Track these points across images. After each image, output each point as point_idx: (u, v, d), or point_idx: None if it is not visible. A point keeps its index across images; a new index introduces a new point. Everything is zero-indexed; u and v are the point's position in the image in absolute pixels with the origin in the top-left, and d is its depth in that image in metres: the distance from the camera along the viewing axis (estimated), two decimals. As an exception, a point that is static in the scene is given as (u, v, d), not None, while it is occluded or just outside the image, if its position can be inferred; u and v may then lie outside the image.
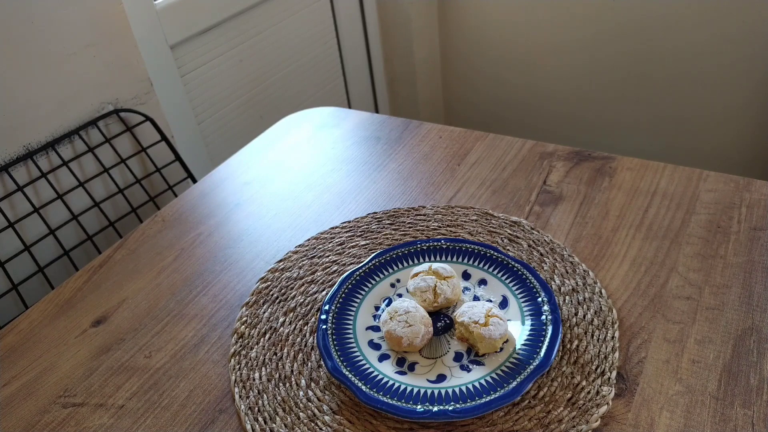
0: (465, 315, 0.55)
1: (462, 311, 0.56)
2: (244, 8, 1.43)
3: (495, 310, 0.56)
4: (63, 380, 0.60)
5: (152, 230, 0.80)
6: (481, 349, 0.54)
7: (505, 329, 0.55)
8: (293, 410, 0.54)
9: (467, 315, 0.55)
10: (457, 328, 0.56)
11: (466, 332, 0.55)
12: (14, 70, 0.92)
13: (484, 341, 0.53)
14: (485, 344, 0.54)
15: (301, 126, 0.99)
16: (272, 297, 0.66)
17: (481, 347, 0.54)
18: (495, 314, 0.55)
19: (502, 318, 0.55)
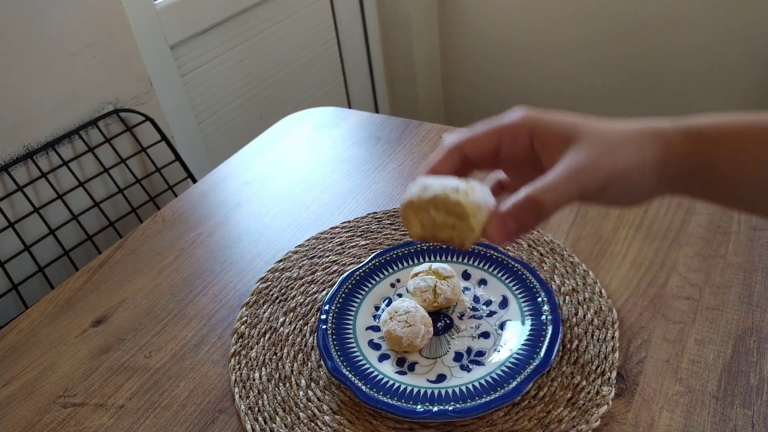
0: (428, 190, 0.37)
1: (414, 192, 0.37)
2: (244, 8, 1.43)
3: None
4: (63, 380, 0.60)
5: (152, 230, 0.79)
6: (468, 231, 0.36)
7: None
8: (293, 410, 0.54)
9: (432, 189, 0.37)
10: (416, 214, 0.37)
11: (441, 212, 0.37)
12: (14, 70, 0.92)
13: (478, 212, 0.36)
14: (477, 218, 0.36)
15: (301, 126, 0.99)
16: (272, 297, 0.66)
17: (471, 225, 0.36)
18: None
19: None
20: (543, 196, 0.34)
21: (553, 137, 0.37)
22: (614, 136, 0.36)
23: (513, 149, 0.39)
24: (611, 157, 0.35)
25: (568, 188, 0.34)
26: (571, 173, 0.34)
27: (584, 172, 0.34)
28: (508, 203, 0.35)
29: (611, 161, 0.35)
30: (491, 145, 0.39)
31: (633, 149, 0.35)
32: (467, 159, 0.39)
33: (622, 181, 0.35)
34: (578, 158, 0.35)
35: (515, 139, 0.38)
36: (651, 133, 0.36)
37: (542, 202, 0.34)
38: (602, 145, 0.35)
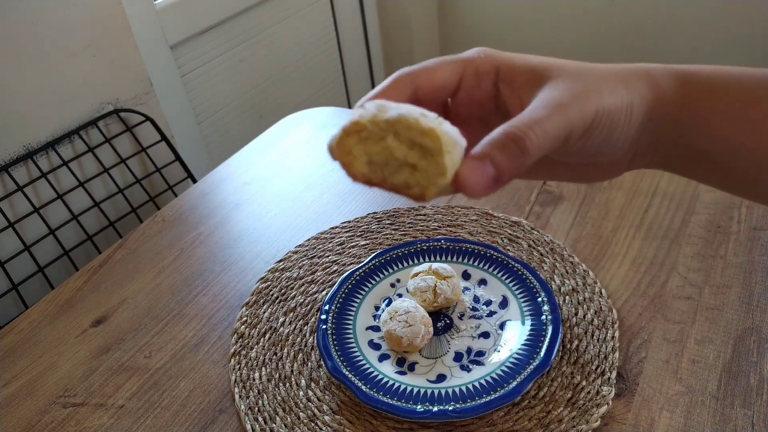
0: (388, 111, 0.27)
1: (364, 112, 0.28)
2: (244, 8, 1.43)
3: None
4: (63, 380, 0.60)
5: (152, 230, 0.79)
6: (436, 175, 0.27)
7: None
8: (293, 410, 0.54)
9: (394, 109, 0.27)
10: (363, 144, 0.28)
11: (403, 143, 0.27)
12: (14, 70, 0.92)
13: (453, 149, 0.27)
14: (452, 157, 0.27)
15: (301, 126, 0.99)
16: (272, 297, 0.66)
17: (442, 165, 0.26)
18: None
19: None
20: (526, 132, 0.27)
21: (523, 75, 0.31)
22: (597, 72, 0.30)
23: (474, 91, 0.32)
24: (598, 92, 0.29)
25: (553, 124, 0.27)
26: (554, 107, 0.28)
27: (570, 107, 0.28)
28: (483, 143, 0.27)
29: (598, 97, 0.28)
30: (451, 81, 0.31)
31: (620, 86, 0.29)
32: (416, 98, 0.31)
33: (609, 123, 0.29)
34: (560, 93, 0.28)
35: (479, 78, 0.31)
36: (637, 72, 0.30)
37: (525, 139, 0.26)
38: (585, 81, 0.29)
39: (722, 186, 0.32)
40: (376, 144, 0.27)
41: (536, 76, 0.30)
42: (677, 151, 0.31)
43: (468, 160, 0.27)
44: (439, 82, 0.31)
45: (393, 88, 0.31)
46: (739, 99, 0.29)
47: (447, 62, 0.31)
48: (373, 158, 0.27)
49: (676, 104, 0.30)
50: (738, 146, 0.29)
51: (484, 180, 0.26)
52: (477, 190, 0.26)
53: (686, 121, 0.30)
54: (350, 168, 0.27)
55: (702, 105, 0.29)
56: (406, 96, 0.31)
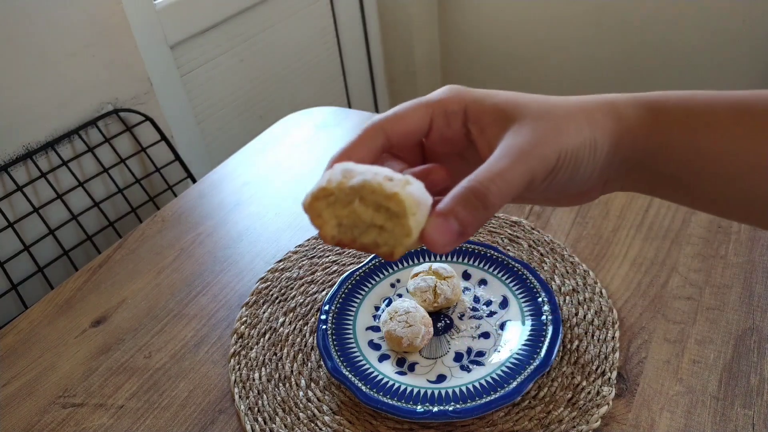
0: (354, 176, 0.28)
1: (332, 177, 0.28)
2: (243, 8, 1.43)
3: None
4: (63, 380, 0.60)
5: (152, 230, 0.79)
6: (402, 235, 0.27)
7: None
8: (293, 410, 0.54)
9: (360, 174, 0.28)
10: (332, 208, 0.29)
11: (369, 207, 0.28)
12: (14, 70, 0.92)
13: (417, 210, 0.27)
14: (417, 218, 0.27)
15: (301, 126, 0.99)
16: (272, 297, 0.66)
17: (407, 227, 0.27)
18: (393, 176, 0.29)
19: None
20: (487, 186, 0.28)
21: (490, 115, 0.31)
22: (560, 111, 0.30)
23: (446, 132, 0.32)
24: (559, 134, 0.29)
25: (514, 175, 0.28)
26: (515, 156, 0.29)
27: (531, 155, 0.29)
28: (447, 200, 0.28)
29: (560, 139, 0.29)
30: (421, 125, 0.32)
31: (583, 124, 0.30)
32: (389, 145, 0.32)
33: (573, 162, 0.30)
34: (522, 139, 0.29)
35: (448, 119, 0.32)
36: (602, 106, 0.31)
37: (487, 194, 0.27)
38: (548, 122, 0.30)
39: (693, 206, 0.34)
40: (344, 208, 0.28)
41: (502, 117, 0.31)
42: (646, 176, 0.32)
43: (433, 218, 0.28)
44: (409, 128, 0.32)
45: (363, 142, 0.31)
46: (704, 126, 0.30)
47: (415, 107, 0.32)
48: (342, 221, 0.29)
49: (642, 134, 0.31)
50: (704, 168, 0.30)
51: (448, 236, 0.27)
52: (442, 247, 0.28)
53: (653, 149, 0.31)
54: (321, 231, 0.29)
55: (668, 133, 0.30)
56: (377, 146, 0.32)
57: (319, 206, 0.28)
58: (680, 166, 0.30)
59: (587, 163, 0.30)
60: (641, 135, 0.31)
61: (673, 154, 0.30)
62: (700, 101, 0.31)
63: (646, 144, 0.31)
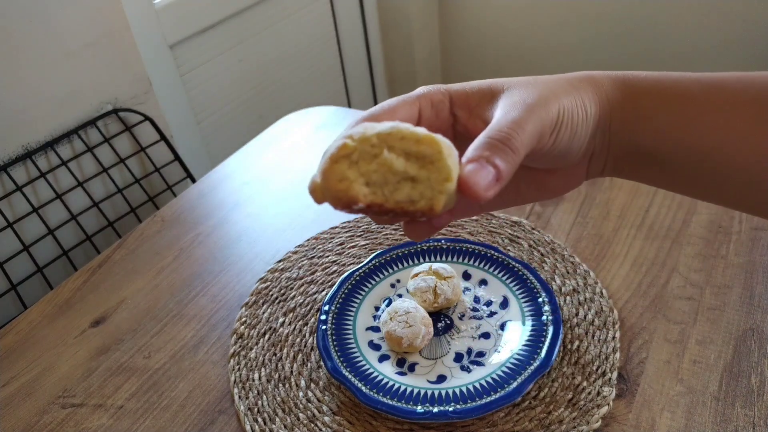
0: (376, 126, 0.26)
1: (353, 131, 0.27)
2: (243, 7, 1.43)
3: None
4: (62, 381, 0.60)
5: (151, 230, 0.79)
6: (441, 181, 0.25)
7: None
8: (293, 411, 0.53)
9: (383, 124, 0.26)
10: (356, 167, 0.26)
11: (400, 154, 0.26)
12: (13, 70, 0.92)
13: (451, 152, 0.26)
14: (453, 159, 0.26)
15: (301, 126, 0.98)
16: (272, 297, 0.65)
17: (446, 169, 0.25)
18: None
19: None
20: (509, 132, 0.27)
21: (476, 96, 0.31)
22: (545, 80, 0.31)
23: (434, 123, 0.32)
24: (554, 94, 0.30)
25: (527, 123, 0.28)
26: (522, 108, 0.28)
27: (535, 106, 0.29)
28: (472, 149, 0.27)
29: (555, 98, 0.30)
30: (412, 117, 0.32)
31: (569, 89, 0.31)
32: None
33: (570, 121, 0.30)
34: (521, 96, 0.29)
35: (436, 109, 0.32)
36: (581, 77, 0.32)
37: (512, 138, 0.27)
38: (536, 86, 0.30)
39: (670, 187, 0.34)
40: (370, 162, 0.25)
41: (489, 94, 0.31)
42: (626, 150, 0.32)
43: (468, 164, 0.26)
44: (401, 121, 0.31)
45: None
46: (675, 96, 0.31)
47: (402, 101, 0.32)
48: (370, 178, 0.25)
49: (618, 104, 0.31)
50: (678, 142, 0.31)
51: (489, 179, 0.26)
52: (485, 190, 0.26)
53: (629, 119, 0.31)
54: (349, 192, 0.25)
55: (642, 103, 0.31)
56: None
57: (340, 168, 0.25)
58: (659, 140, 0.31)
59: (582, 123, 0.31)
60: (618, 105, 0.31)
61: (647, 125, 0.31)
62: (671, 77, 0.32)
63: (623, 114, 0.31)
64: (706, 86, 0.31)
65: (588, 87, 0.31)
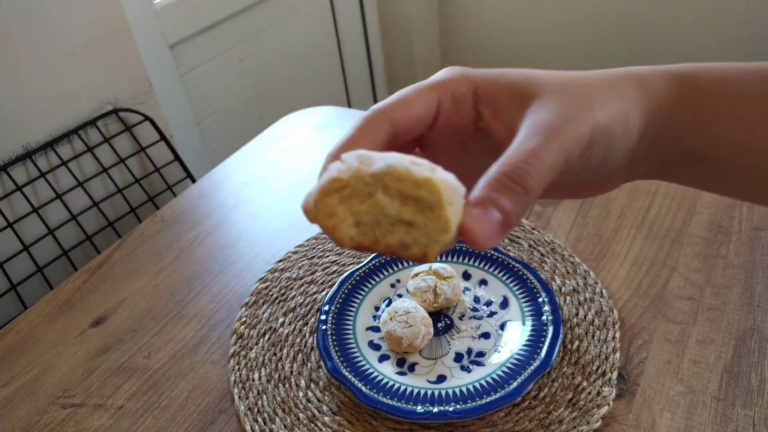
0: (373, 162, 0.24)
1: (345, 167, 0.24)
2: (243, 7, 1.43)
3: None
4: (62, 381, 0.60)
5: (151, 230, 0.79)
6: (437, 231, 0.23)
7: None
8: (293, 411, 0.53)
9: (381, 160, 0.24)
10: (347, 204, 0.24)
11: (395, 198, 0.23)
12: (13, 70, 0.92)
13: (454, 199, 0.23)
14: (454, 208, 0.23)
15: (301, 126, 0.98)
16: (272, 297, 0.65)
17: (444, 219, 0.23)
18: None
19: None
20: (524, 168, 0.24)
21: (505, 95, 0.27)
22: (584, 84, 0.27)
23: (453, 118, 0.29)
24: (588, 108, 0.26)
25: (550, 154, 0.24)
26: (547, 134, 0.25)
27: (563, 131, 0.25)
28: (480, 188, 0.24)
29: (590, 113, 0.26)
30: (429, 111, 0.28)
31: (611, 97, 0.27)
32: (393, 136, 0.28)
33: (606, 139, 0.26)
34: (550, 115, 0.25)
35: (457, 103, 0.28)
36: (627, 78, 0.28)
37: (526, 176, 0.24)
38: (574, 96, 0.26)
39: (721, 190, 0.31)
40: (363, 203, 0.23)
41: (519, 95, 0.27)
42: (675, 156, 0.29)
43: (471, 208, 0.23)
44: (415, 116, 0.28)
45: (367, 130, 0.27)
46: (740, 96, 0.27)
47: (421, 91, 0.28)
48: (360, 218, 0.24)
49: (672, 107, 0.28)
50: (738, 146, 0.27)
51: (493, 228, 0.23)
52: (487, 240, 0.23)
53: (684, 123, 0.28)
54: (335, 233, 0.23)
55: (700, 106, 0.27)
56: (382, 138, 0.28)
57: (330, 203, 0.23)
58: (715, 144, 0.28)
59: (620, 139, 0.27)
60: (671, 107, 0.27)
61: (706, 129, 0.28)
62: (732, 71, 0.28)
63: (677, 117, 0.28)
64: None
65: (634, 91, 0.27)
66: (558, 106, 0.26)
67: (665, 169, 0.30)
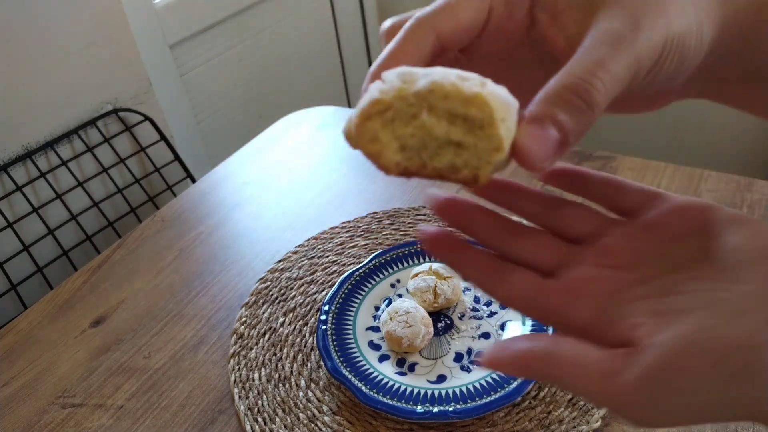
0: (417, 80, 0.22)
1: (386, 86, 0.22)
2: (243, 7, 1.43)
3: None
4: (62, 381, 0.60)
5: (151, 230, 0.79)
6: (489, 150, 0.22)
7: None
8: (293, 411, 0.53)
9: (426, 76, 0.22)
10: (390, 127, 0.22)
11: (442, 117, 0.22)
12: (13, 70, 0.92)
13: (507, 115, 0.22)
14: (507, 125, 0.22)
15: (301, 125, 0.98)
16: (272, 297, 0.65)
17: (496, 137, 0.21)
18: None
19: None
20: (589, 80, 0.21)
21: (566, 1, 0.24)
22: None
23: (505, 24, 0.25)
24: (663, 15, 0.23)
25: (619, 66, 0.22)
26: (617, 43, 0.22)
27: (634, 41, 0.22)
28: (538, 101, 0.22)
29: (665, 22, 0.23)
30: (479, 18, 0.25)
31: (687, 4, 0.24)
32: (440, 48, 0.25)
33: (680, 51, 0.23)
34: (619, 22, 0.23)
35: (510, 7, 0.25)
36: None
37: (590, 89, 0.21)
38: (647, 2, 0.23)
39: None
40: (407, 125, 0.22)
41: (584, 1, 0.24)
42: (738, 73, 0.26)
43: (526, 125, 0.22)
44: (464, 23, 0.25)
45: (410, 43, 0.24)
46: None
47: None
48: (406, 142, 0.22)
49: (750, 22, 0.25)
50: None
51: (549, 147, 0.21)
52: (543, 160, 0.21)
53: (756, 39, 0.25)
54: (380, 159, 0.22)
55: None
56: (428, 49, 0.25)
57: (373, 127, 0.22)
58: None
59: (693, 52, 0.24)
60: (746, 22, 0.25)
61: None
62: None
63: (754, 34, 0.25)
64: None
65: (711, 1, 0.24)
66: (628, 13, 0.23)
67: (722, 87, 0.28)
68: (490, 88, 0.21)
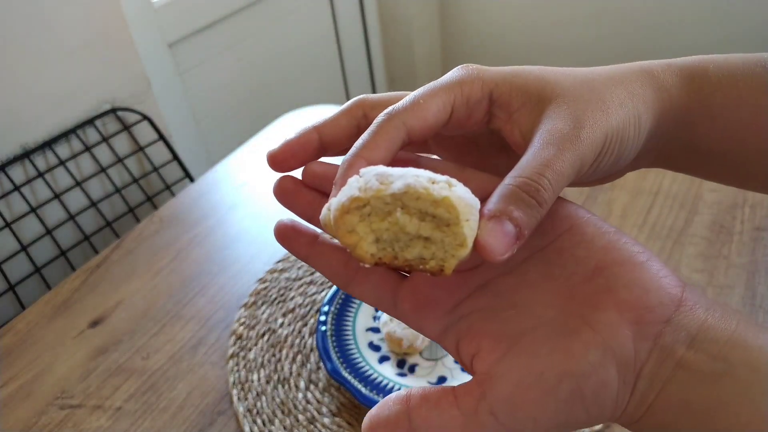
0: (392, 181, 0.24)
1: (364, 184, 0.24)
2: (242, 6, 1.42)
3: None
4: (60, 382, 0.59)
5: (150, 230, 0.79)
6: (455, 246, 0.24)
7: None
8: (292, 412, 0.53)
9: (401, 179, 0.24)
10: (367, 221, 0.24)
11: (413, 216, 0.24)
12: (10, 69, 0.91)
13: (470, 216, 0.24)
14: (471, 225, 0.23)
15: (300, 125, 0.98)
16: (271, 298, 0.65)
17: (461, 236, 0.23)
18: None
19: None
20: (537, 180, 0.24)
21: (519, 98, 0.27)
22: (597, 85, 0.27)
23: (465, 122, 0.28)
24: (603, 113, 0.26)
25: (564, 165, 0.24)
26: (561, 143, 0.25)
27: (578, 140, 0.25)
28: (494, 200, 0.24)
29: (604, 118, 0.26)
30: (443, 116, 0.27)
31: (625, 98, 0.27)
32: (408, 142, 0.27)
33: (619, 142, 0.26)
34: (564, 122, 0.25)
35: (470, 108, 0.28)
36: (640, 76, 0.28)
37: (539, 188, 0.24)
38: (588, 101, 0.26)
39: (726, 179, 0.32)
40: (383, 220, 0.24)
41: (534, 99, 0.27)
42: (683, 148, 0.30)
43: (486, 222, 0.24)
44: (431, 121, 0.27)
45: (383, 138, 0.27)
46: (747, 88, 0.28)
47: (433, 93, 0.27)
48: (381, 235, 0.24)
49: (683, 105, 0.28)
50: (745, 137, 0.28)
51: (507, 241, 0.23)
52: (501, 254, 0.23)
53: (694, 120, 0.28)
54: (356, 250, 0.24)
55: (711, 100, 0.28)
56: (397, 144, 0.27)
57: (351, 220, 0.24)
58: (726, 139, 0.28)
59: (632, 141, 0.27)
60: (683, 106, 0.28)
61: (715, 122, 0.28)
62: (738, 63, 0.29)
63: (687, 116, 0.28)
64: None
65: (647, 89, 0.28)
66: (572, 113, 0.26)
67: (671, 160, 0.31)
68: (457, 191, 0.24)
